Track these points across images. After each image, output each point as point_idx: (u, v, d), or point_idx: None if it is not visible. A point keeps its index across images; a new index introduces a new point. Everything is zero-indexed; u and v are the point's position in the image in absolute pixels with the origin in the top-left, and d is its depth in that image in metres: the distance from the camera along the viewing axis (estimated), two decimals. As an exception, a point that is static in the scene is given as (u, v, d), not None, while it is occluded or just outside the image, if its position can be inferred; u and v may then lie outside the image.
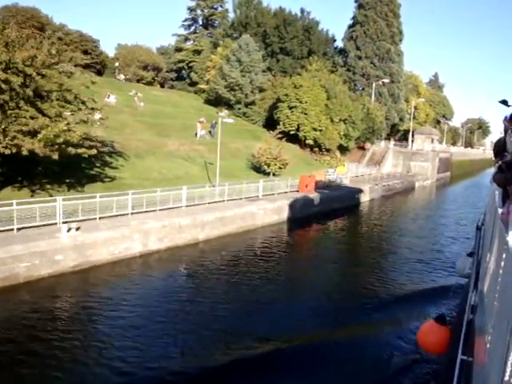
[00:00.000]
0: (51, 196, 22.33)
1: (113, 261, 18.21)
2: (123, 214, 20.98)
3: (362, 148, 61.72)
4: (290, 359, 12.22)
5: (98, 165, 30.07)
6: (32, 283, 15.40)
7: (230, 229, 24.70)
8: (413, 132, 71.11)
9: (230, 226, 24.68)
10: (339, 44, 71.98)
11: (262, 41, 64.62)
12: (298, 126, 51.23)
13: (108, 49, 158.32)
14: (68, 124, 20.51)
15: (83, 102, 22.74)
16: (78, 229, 17.68)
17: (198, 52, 72.71)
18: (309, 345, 13.26)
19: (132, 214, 21.38)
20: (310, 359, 12.14)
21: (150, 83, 69.42)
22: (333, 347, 13.11)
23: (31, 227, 17.37)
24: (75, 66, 37.02)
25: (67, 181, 26.04)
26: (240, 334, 13.31)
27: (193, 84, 72.01)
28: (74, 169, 27.25)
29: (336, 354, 12.64)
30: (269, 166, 38.92)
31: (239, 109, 59.70)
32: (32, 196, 22.90)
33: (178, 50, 78.42)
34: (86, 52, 59.60)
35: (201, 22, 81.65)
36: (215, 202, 26.60)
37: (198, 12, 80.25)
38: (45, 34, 21.11)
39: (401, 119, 72.38)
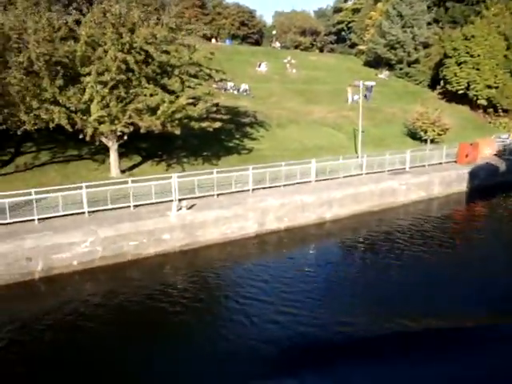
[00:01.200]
0: (184, 170, 22.67)
1: (224, 241, 17.49)
2: (243, 191, 20.14)
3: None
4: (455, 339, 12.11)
5: (237, 136, 29.90)
6: (139, 261, 15.60)
7: (364, 207, 22.17)
8: None
9: (363, 203, 22.15)
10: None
11: (428, -12, 57.13)
12: (467, 84, 44.51)
13: (266, 18, 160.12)
14: (191, 98, 20.24)
15: (209, 75, 22.28)
16: (190, 207, 17.39)
17: (357, 10, 68.15)
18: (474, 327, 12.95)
19: (253, 190, 20.46)
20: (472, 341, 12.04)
21: (307, 48, 67.67)
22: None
23: (147, 204, 17.62)
24: (232, 36, 37.51)
25: (204, 154, 26.35)
26: (398, 314, 12.94)
27: (353, 46, 68.10)
28: (212, 142, 27.47)
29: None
30: (425, 132, 34.54)
31: (401, 69, 54.69)
32: (167, 170, 23.60)
33: (337, 10, 74.73)
34: (242, 23, 60.31)
35: (361, -22, 76.35)
36: (351, 175, 24.20)
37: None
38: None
39: None
